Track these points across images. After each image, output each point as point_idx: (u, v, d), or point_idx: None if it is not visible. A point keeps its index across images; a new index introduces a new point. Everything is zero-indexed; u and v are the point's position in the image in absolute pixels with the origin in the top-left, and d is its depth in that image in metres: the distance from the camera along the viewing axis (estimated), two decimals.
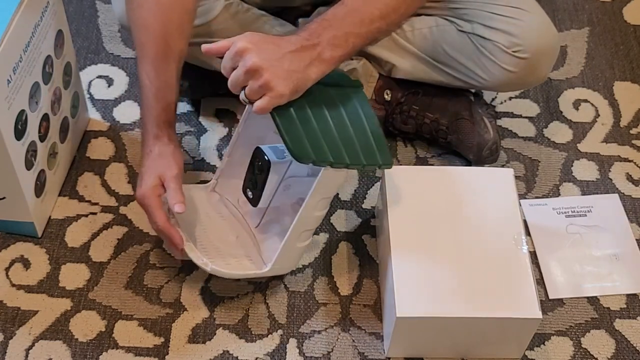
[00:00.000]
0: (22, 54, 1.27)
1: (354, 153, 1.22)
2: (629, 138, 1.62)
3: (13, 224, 1.39)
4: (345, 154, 1.21)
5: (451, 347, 1.30)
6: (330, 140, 1.21)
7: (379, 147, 1.25)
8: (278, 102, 1.17)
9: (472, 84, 1.49)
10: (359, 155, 1.22)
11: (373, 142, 1.25)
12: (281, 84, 1.16)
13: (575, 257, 1.44)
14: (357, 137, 1.24)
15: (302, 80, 1.19)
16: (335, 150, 1.21)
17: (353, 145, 1.23)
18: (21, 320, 1.32)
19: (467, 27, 1.44)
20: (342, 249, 1.43)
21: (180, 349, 1.30)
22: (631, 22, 1.83)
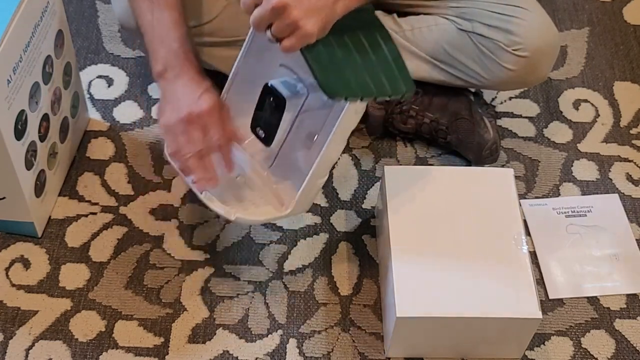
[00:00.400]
0: (22, 54, 1.27)
1: (379, 83, 1.19)
2: (629, 138, 1.62)
3: (13, 224, 1.39)
4: (373, 86, 1.18)
5: (451, 347, 1.30)
6: (357, 73, 1.18)
7: (401, 74, 1.21)
8: (307, 41, 1.13)
9: (472, 83, 1.49)
10: (384, 85, 1.19)
11: (395, 69, 1.21)
12: (310, 22, 1.11)
13: (575, 257, 1.44)
14: (380, 66, 1.20)
15: (330, 16, 1.14)
16: (363, 83, 1.17)
17: (378, 75, 1.19)
18: (21, 320, 1.32)
19: (467, 26, 1.44)
20: (342, 249, 1.43)
21: (180, 349, 1.30)
22: (631, 22, 1.83)
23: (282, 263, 1.41)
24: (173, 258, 1.40)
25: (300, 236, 1.44)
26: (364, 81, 1.19)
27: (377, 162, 1.55)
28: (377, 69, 1.20)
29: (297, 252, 1.42)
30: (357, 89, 1.17)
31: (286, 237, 1.44)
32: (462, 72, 1.47)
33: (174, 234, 1.43)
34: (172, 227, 1.44)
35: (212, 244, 1.42)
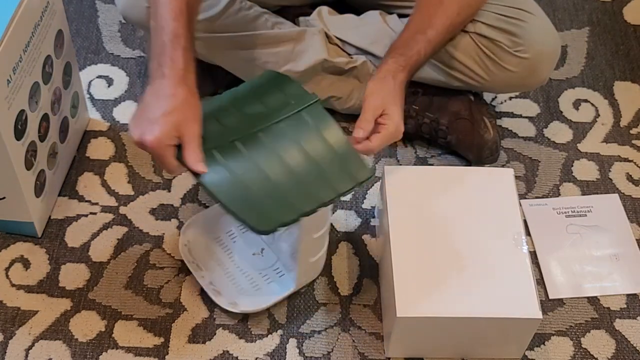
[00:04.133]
0: (22, 54, 1.27)
1: (326, 186, 1.16)
2: (629, 138, 1.62)
3: (13, 224, 1.39)
4: (320, 193, 1.15)
5: (451, 347, 1.30)
6: (296, 187, 1.15)
7: (353, 165, 1.18)
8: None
9: (473, 84, 1.49)
10: (332, 185, 1.16)
11: (345, 162, 1.18)
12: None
13: (575, 257, 1.44)
14: (325, 167, 1.17)
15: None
16: (305, 195, 1.15)
17: (323, 177, 1.16)
18: (21, 320, 1.32)
19: (470, 27, 1.44)
20: (342, 249, 1.43)
21: (180, 349, 1.30)
22: (631, 22, 1.83)
23: None
24: (173, 258, 1.40)
25: None
26: (306, 192, 1.15)
27: (377, 162, 1.55)
28: (322, 171, 1.17)
29: None
30: (299, 207, 1.13)
31: None
32: (462, 73, 1.48)
33: (174, 234, 1.43)
34: (172, 227, 1.44)
35: None
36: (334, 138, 1.20)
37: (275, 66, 1.48)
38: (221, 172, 1.15)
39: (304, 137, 1.19)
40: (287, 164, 1.17)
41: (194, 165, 1.14)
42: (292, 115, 1.21)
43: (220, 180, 1.14)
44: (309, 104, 1.22)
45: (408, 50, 1.32)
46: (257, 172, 1.16)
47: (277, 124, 1.20)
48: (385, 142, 1.27)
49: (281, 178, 1.16)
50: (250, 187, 1.14)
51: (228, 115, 1.21)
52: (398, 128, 1.27)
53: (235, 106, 1.23)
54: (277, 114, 1.20)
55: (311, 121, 1.21)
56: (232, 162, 1.16)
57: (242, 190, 1.14)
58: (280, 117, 1.20)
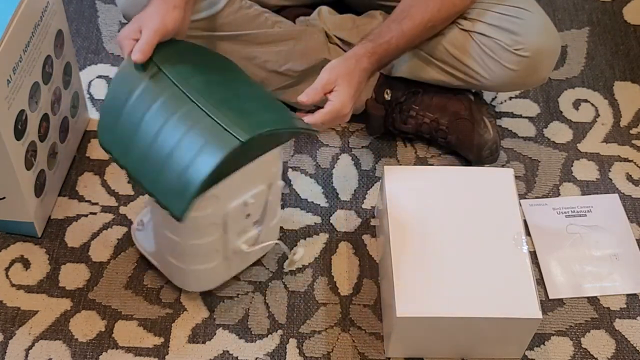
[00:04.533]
0: (22, 54, 1.27)
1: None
2: (629, 138, 1.62)
3: (13, 224, 1.39)
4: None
5: (451, 347, 1.30)
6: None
7: (234, 126, 1.12)
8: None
9: (473, 83, 1.49)
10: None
11: (218, 127, 1.12)
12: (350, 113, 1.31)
13: (575, 257, 1.44)
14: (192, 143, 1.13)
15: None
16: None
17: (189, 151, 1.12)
18: (21, 320, 1.32)
19: (469, 26, 1.44)
20: (342, 249, 1.43)
21: (180, 349, 1.30)
22: (631, 22, 1.83)
23: (282, 263, 1.41)
24: None
25: (300, 236, 1.44)
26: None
27: (377, 162, 1.55)
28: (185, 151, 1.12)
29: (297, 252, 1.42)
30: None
31: (286, 237, 1.44)
32: (462, 73, 1.47)
33: None
34: None
35: None
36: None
37: (275, 65, 1.48)
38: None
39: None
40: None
41: (135, 51, 1.16)
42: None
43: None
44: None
45: (379, 37, 1.35)
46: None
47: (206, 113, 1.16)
48: (328, 118, 1.26)
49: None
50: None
51: (193, 66, 1.21)
52: (343, 107, 1.27)
53: (207, 67, 1.23)
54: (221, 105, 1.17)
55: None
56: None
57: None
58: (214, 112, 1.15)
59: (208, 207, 1.18)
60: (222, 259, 1.29)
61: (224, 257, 1.29)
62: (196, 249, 1.25)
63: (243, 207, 1.23)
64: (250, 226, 1.28)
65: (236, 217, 1.24)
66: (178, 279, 1.34)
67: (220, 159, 1.09)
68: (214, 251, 1.27)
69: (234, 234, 1.26)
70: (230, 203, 1.21)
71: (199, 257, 1.27)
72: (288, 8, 1.58)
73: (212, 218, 1.21)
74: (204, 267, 1.29)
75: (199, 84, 1.17)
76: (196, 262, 1.28)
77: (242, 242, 1.28)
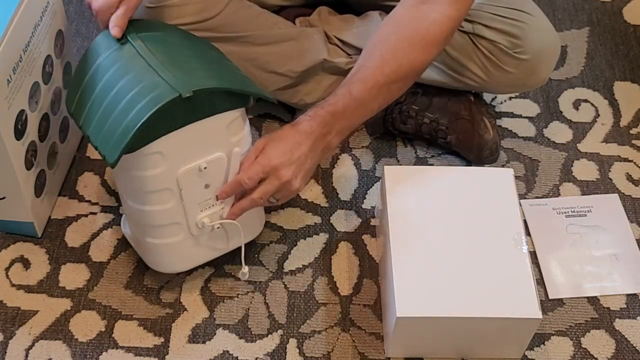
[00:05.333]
0: (22, 54, 1.27)
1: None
2: (629, 138, 1.62)
3: (13, 224, 1.39)
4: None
5: (451, 347, 1.30)
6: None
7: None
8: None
9: (472, 85, 1.49)
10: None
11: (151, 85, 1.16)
12: (299, 182, 1.26)
13: (575, 257, 1.44)
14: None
15: (312, 170, 1.28)
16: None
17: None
18: (21, 320, 1.32)
19: (468, 28, 1.44)
20: (342, 249, 1.43)
21: (180, 349, 1.30)
22: (631, 22, 1.83)
23: (282, 263, 1.41)
24: None
25: (300, 236, 1.44)
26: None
27: (377, 162, 1.55)
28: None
29: (297, 252, 1.42)
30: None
31: (286, 237, 1.44)
32: (461, 74, 1.48)
33: None
34: None
35: None
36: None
37: (275, 66, 1.48)
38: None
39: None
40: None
41: (112, 25, 1.20)
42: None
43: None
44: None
45: (325, 101, 1.29)
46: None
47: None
48: (253, 173, 1.22)
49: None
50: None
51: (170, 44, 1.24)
52: (269, 161, 1.22)
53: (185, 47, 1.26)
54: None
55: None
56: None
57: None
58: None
59: (156, 167, 1.19)
60: (187, 234, 1.27)
61: (188, 233, 1.27)
62: (154, 216, 1.24)
63: (198, 172, 1.22)
64: (212, 200, 1.26)
65: (191, 184, 1.22)
66: (148, 258, 1.33)
67: (155, 109, 1.12)
68: (174, 223, 1.26)
69: (194, 205, 1.25)
70: (182, 166, 1.21)
71: (160, 228, 1.26)
72: (288, 8, 1.59)
73: (163, 180, 1.20)
74: (167, 241, 1.27)
75: (160, 51, 1.20)
76: (158, 235, 1.27)
77: (205, 216, 1.26)
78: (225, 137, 1.23)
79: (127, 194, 1.26)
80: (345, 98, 1.27)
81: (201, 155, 1.21)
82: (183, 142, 1.18)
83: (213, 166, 1.22)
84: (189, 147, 1.20)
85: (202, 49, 1.27)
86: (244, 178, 1.23)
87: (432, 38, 1.30)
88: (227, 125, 1.22)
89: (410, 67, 1.30)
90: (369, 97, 1.28)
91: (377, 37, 1.32)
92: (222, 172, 1.24)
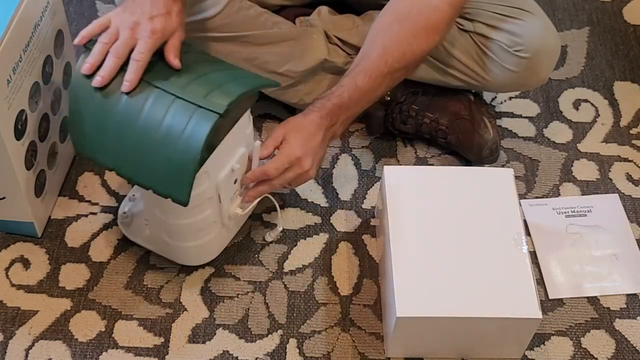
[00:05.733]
0: (22, 54, 1.27)
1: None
2: (629, 138, 1.62)
3: (13, 224, 1.39)
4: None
5: (451, 347, 1.30)
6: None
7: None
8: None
9: (473, 84, 1.49)
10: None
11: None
12: (315, 170, 1.31)
13: (575, 257, 1.44)
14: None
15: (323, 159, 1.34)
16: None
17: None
18: (21, 320, 1.32)
19: (469, 26, 1.44)
20: (342, 249, 1.43)
21: (180, 349, 1.30)
22: (631, 22, 1.83)
23: (282, 263, 1.41)
24: None
25: (300, 236, 1.44)
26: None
27: (377, 162, 1.55)
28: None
29: (297, 252, 1.42)
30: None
31: (286, 237, 1.44)
32: (462, 73, 1.48)
33: None
34: None
35: None
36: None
37: (275, 66, 1.48)
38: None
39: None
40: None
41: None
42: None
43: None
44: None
45: (331, 92, 1.32)
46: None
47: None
48: (280, 164, 1.26)
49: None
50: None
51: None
52: (294, 152, 1.26)
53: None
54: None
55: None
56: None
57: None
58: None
59: (202, 184, 1.21)
60: (220, 228, 1.32)
61: (221, 226, 1.32)
62: (196, 225, 1.28)
63: (231, 174, 1.26)
64: (239, 190, 1.31)
65: (227, 186, 1.27)
66: (180, 257, 1.36)
67: (206, 136, 1.12)
68: (211, 223, 1.30)
69: (227, 202, 1.29)
70: (220, 174, 1.24)
71: (200, 232, 1.30)
72: (288, 8, 1.58)
73: (207, 193, 1.24)
74: (204, 240, 1.31)
75: (159, 71, 1.19)
76: (197, 238, 1.30)
77: (237, 207, 1.31)
78: (243, 133, 1.28)
79: (166, 213, 1.26)
80: (350, 89, 1.31)
81: (231, 157, 1.26)
82: (218, 153, 1.21)
83: (241, 162, 1.28)
84: (222, 155, 1.23)
85: (198, 57, 1.27)
86: (271, 169, 1.27)
87: (434, 25, 1.32)
88: (244, 122, 1.26)
89: (413, 55, 1.33)
90: (373, 86, 1.32)
91: (379, 25, 1.35)
92: (245, 164, 1.30)
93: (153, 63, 1.19)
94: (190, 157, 1.13)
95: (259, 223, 1.45)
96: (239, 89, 1.19)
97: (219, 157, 1.22)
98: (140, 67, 1.17)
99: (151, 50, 1.18)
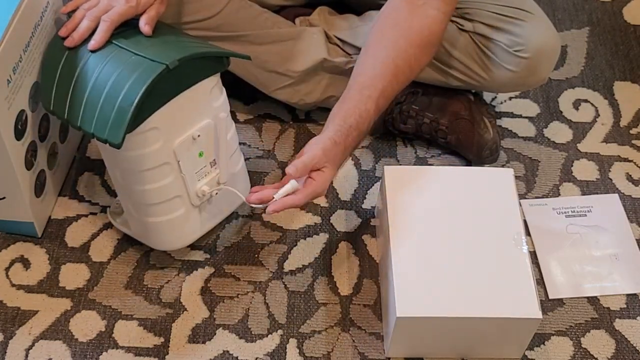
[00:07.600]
0: (22, 54, 1.27)
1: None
2: (629, 138, 1.62)
3: (13, 224, 1.39)
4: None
5: (451, 347, 1.30)
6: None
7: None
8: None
9: (472, 84, 1.49)
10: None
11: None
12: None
13: (575, 257, 1.44)
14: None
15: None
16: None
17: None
18: (21, 320, 1.32)
19: (469, 26, 1.44)
20: (342, 249, 1.43)
21: (180, 349, 1.30)
22: (631, 22, 1.83)
23: (282, 263, 1.41)
24: (173, 258, 1.40)
25: (300, 236, 1.44)
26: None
27: (377, 162, 1.55)
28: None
29: (297, 252, 1.42)
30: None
31: (286, 237, 1.44)
32: (462, 73, 1.48)
33: None
34: None
35: (212, 244, 1.42)
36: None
37: (275, 65, 1.48)
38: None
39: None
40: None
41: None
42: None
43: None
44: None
45: (353, 126, 1.27)
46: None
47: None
48: (309, 198, 1.24)
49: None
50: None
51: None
52: (323, 188, 1.25)
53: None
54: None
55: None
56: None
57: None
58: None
59: (154, 143, 1.22)
60: (188, 206, 1.31)
61: (189, 205, 1.31)
62: (156, 194, 1.27)
63: (192, 142, 1.26)
64: (208, 167, 1.31)
65: (188, 154, 1.26)
66: (152, 239, 1.35)
67: (148, 83, 1.16)
68: (176, 197, 1.29)
69: (192, 174, 1.28)
70: (177, 138, 1.24)
71: (163, 205, 1.28)
72: (288, 8, 1.59)
73: (161, 155, 1.24)
74: (171, 216, 1.30)
75: (129, 35, 1.24)
76: (161, 212, 1.29)
77: (204, 185, 1.30)
78: (209, 104, 1.28)
79: (125, 177, 1.28)
80: (370, 116, 1.28)
81: (192, 124, 1.26)
82: (174, 115, 1.23)
83: (204, 133, 1.27)
84: (180, 119, 1.24)
85: (166, 30, 1.30)
86: (302, 201, 1.23)
87: (435, 38, 1.33)
88: (209, 92, 1.27)
89: (419, 69, 1.34)
90: (387, 105, 1.33)
91: (384, 40, 1.32)
92: (212, 137, 1.29)
93: (126, 31, 1.24)
94: (130, 100, 1.16)
95: (259, 223, 1.45)
96: (196, 50, 1.23)
97: (176, 120, 1.23)
98: (107, 28, 1.22)
99: (122, 15, 1.23)
